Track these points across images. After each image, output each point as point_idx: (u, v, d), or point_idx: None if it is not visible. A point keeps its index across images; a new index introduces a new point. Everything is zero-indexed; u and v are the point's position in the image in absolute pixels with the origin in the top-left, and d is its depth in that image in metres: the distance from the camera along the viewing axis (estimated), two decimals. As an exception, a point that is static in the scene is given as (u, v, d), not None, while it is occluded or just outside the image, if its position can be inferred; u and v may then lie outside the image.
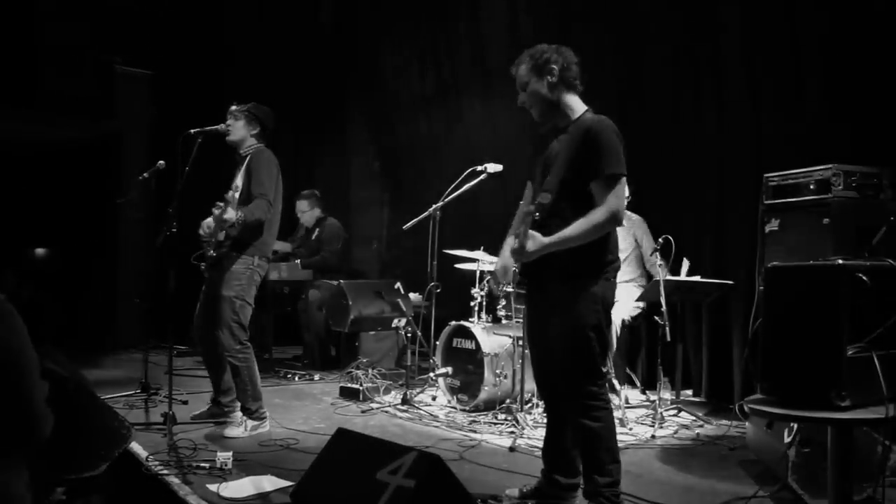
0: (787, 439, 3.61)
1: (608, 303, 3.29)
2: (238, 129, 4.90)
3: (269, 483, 3.68)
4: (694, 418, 5.14)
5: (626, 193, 3.80)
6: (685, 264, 5.37)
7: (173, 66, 9.04)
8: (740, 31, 5.62)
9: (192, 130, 4.75)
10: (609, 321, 3.34)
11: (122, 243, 8.88)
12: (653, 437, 4.71)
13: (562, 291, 3.26)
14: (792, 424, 3.56)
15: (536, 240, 3.15)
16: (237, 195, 4.80)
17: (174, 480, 3.70)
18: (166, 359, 4.72)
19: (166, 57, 9.01)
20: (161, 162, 5.81)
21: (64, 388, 3.12)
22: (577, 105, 3.36)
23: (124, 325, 8.67)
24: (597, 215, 3.14)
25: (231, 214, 4.53)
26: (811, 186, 4.35)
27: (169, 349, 4.75)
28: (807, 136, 5.13)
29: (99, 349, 8.05)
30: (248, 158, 4.85)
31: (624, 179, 3.19)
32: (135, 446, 4.14)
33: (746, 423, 4.55)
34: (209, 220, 4.79)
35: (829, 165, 4.26)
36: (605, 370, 3.33)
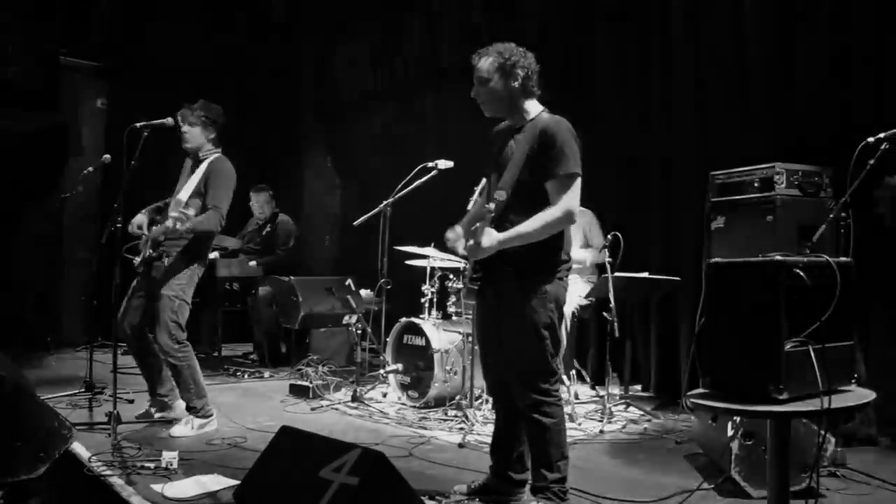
0: (730, 432, 3.67)
1: (560, 302, 3.31)
2: (195, 137, 4.85)
3: (214, 482, 3.62)
4: (642, 413, 5.21)
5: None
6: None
7: (124, 57, 8.85)
8: (684, 32, 5.71)
9: (138, 124, 4.65)
10: (561, 319, 3.36)
11: (68, 239, 8.67)
12: (601, 432, 4.75)
13: (515, 289, 3.27)
14: (735, 418, 3.62)
15: (491, 236, 3.16)
16: (185, 200, 4.74)
17: (117, 481, 3.62)
18: (112, 357, 4.62)
19: (116, 48, 8.82)
20: (107, 156, 5.70)
21: (1, 388, 3.04)
22: (533, 107, 3.39)
23: (69, 323, 8.48)
24: (551, 213, 3.17)
25: (179, 227, 4.49)
26: (755, 184, 4.43)
27: (114, 347, 4.65)
28: (751, 134, 5.22)
29: (42, 348, 7.85)
30: (207, 165, 4.80)
31: (579, 180, 3.22)
32: (77, 447, 4.03)
33: (692, 418, 4.62)
34: (141, 219, 4.76)
35: (773, 164, 4.34)
36: (557, 367, 3.34)
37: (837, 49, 4.85)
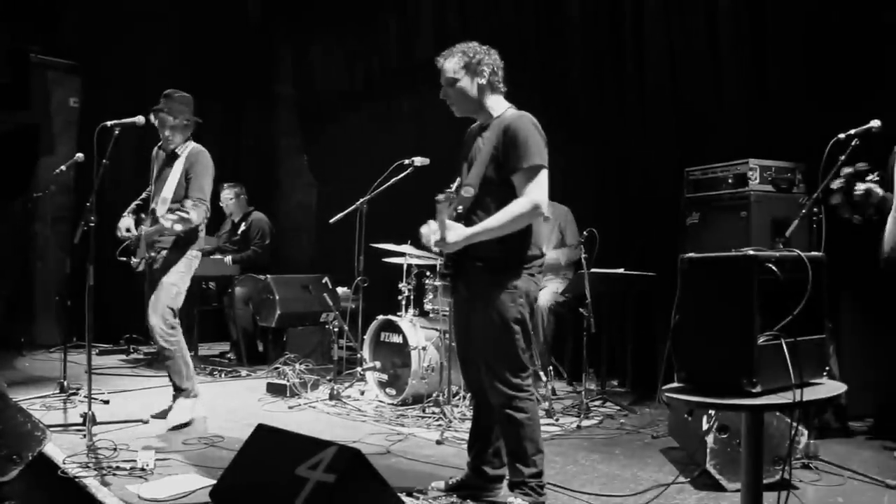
0: (705, 426, 3.70)
1: (531, 297, 3.31)
2: (171, 128, 4.86)
3: (191, 482, 3.59)
4: (619, 408, 5.24)
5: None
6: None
7: (97, 55, 8.75)
8: (658, 29, 5.75)
9: (109, 122, 4.60)
10: (533, 315, 3.37)
11: (40, 238, 8.57)
12: (578, 427, 4.78)
13: (484, 284, 3.27)
14: (710, 412, 3.66)
15: (457, 231, 3.18)
16: (170, 197, 4.76)
17: (92, 482, 3.58)
18: (86, 357, 4.58)
19: (89, 46, 8.72)
20: (79, 155, 5.64)
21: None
22: (499, 104, 3.41)
23: (43, 324, 8.38)
24: (517, 206, 3.17)
25: (175, 228, 4.63)
26: (729, 180, 4.49)
27: (87, 347, 4.59)
28: (726, 131, 5.27)
29: (15, 349, 7.75)
30: (184, 158, 4.84)
31: (545, 171, 3.22)
32: (51, 449, 3.98)
33: (668, 412, 4.65)
34: (126, 222, 4.82)
35: (746, 160, 4.39)
36: (529, 361, 3.34)
37: (810, 47, 4.91)
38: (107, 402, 5.28)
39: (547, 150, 3.27)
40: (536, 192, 3.18)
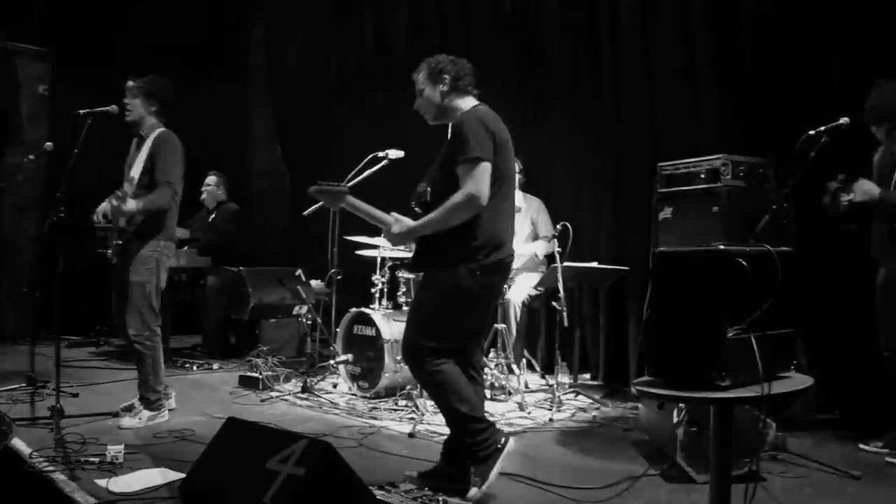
0: (675, 419, 3.73)
1: (462, 290, 3.31)
2: (136, 108, 4.72)
3: (161, 476, 3.56)
4: (591, 401, 5.27)
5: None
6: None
7: (67, 41, 8.61)
8: (633, 25, 5.78)
9: (82, 111, 4.54)
10: (467, 310, 3.41)
11: (8, 229, 8.43)
12: (551, 420, 4.80)
13: (427, 276, 3.53)
14: (680, 405, 3.69)
15: (402, 223, 3.39)
16: (136, 178, 4.64)
17: (60, 477, 3.52)
18: (55, 350, 4.51)
19: (60, 32, 8.56)
20: (49, 143, 5.55)
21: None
22: (465, 104, 3.51)
23: (11, 316, 8.25)
24: (454, 198, 3.26)
25: (132, 206, 4.45)
26: (702, 176, 4.51)
27: (56, 339, 4.53)
28: (699, 126, 5.31)
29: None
30: (151, 141, 4.67)
31: (483, 164, 3.25)
32: (17, 443, 3.95)
33: (640, 406, 4.69)
34: (104, 207, 4.64)
35: (719, 155, 4.42)
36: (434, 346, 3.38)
37: (781, 43, 4.95)
38: (76, 395, 5.22)
39: (496, 142, 3.31)
40: (472, 184, 3.24)
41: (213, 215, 7.61)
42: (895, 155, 4.13)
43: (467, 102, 3.51)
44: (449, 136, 3.45)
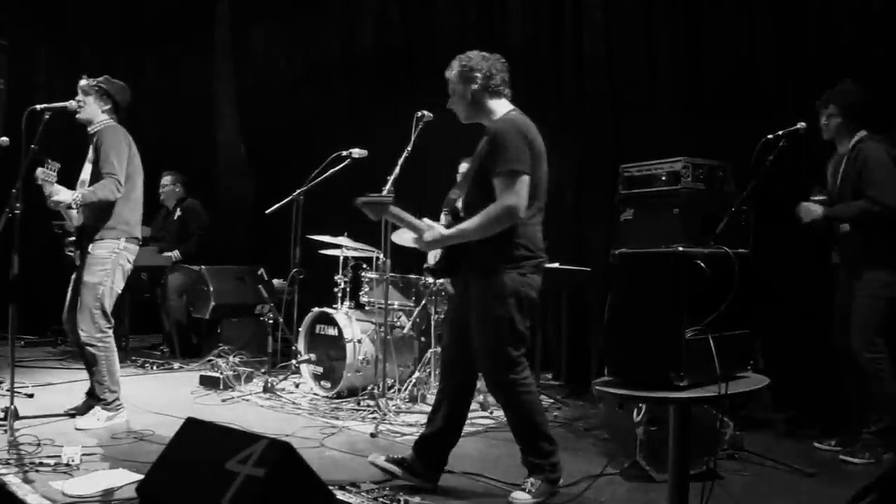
0: (636, 419, 3.77)
1: (520, 295, 3.33)
2: (88, 106, 4.64)
3: (119, 477, 3.50)
4: (552, 401, 5.30)
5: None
6: None
7: (26, 34, 8.44)
8: (603, 31, 5.83)
9: (39, 106, 4.46)
10: (525, 311, 3.37)
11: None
12: (513, 419, 4.81)
13: (476, 283, 3.38)
14: (640, 405, 3.73)
15: (434, 231, 3.33)
16: (88, 180, 4.58)
17: (13, 480, 3.45)
18: (9, 350, 4.42)
19: (17, 24, 8.39)
20: (4, 139, 5.43)
21: None
22: (499, 108, 3.48)
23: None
24: (491, 210, 3.25)
25: (64, 196, 4.39)
26: (663, 178, 4.55)
27: (11, 339, 4.44)
28: (660, 130, 5.37)
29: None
30: (96, 137, 4.60)
31: (522, 177, 3.26)
32: (-32, 445, 3.88)
33: (601, 405, 4.72)
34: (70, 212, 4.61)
35: (680, 158, 4.47)
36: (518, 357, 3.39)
37: (741, 48, 5.03)
38: (31, 395, 5.13)
39: (533, 154, 3.31)
40: (510, 196, 3.23)
41: (176, 214, 7.53)
42: (840, 156, 4.24)
43: (502, 106, 3.48)
44: (484, 142, 3.39)
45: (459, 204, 3.48)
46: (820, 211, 4.13)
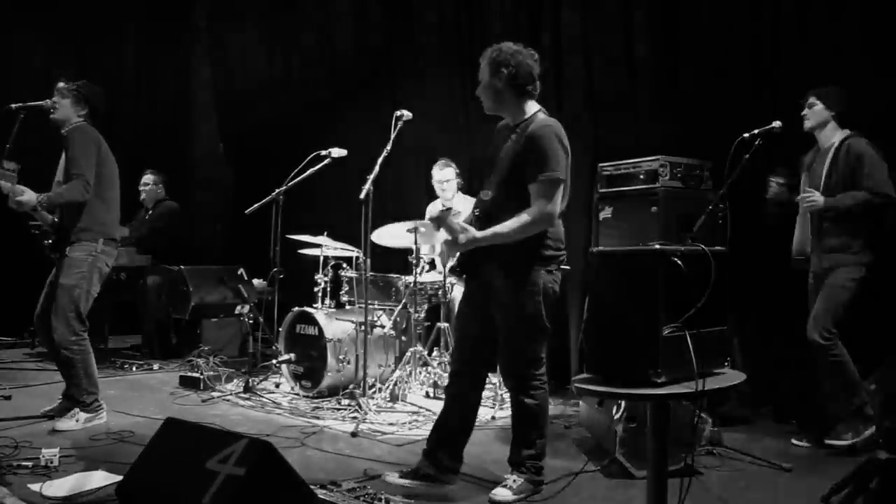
0: (615, 416, 3.80)
1: (548, 292, 3.38)
2: (64, 108, 4.58)
3: (99, 478, 3.49)
4: (533, 399, 5.30)
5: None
6: None
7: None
8: (581, 31, 5.86)
9: (14, 105, 4.42)
10: (550, 308, 3.42)
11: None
12: (493, 418, 4.84)
13: (502, 282, 3.38)
14: (619, 402, 3.76)
15: (468, 233, 3.34)
16: (59, 172, 4.56)
17: (-10, 482, 3.45)
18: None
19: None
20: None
21: None
22: (529, 107, 3.48)
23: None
24: (526, 216, 3.28)
25: (29, 198, 4.34)
26: (641, 176, 4.58)
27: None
28: (639, 129, 5.41)
29: None
30: (66, 138, 4.54)
31: (560, 184, 3.31)
32: (-56, 448, 3.84)
33: (580, 402, 4.75)
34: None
35: (658, 157, 4.50)
36: (542, 354, 3.48)
37: (718, 49, 5.09)
38: (8, 397, 5.10)
39: (567, 160, 3.36)
40: (545, 204, 3.28)
41: (150, 213, 7.47)
42: (824, 150, 4.30)
43: (530, 107, 3.47)
44: (518, 143, 3.37)
45: (490, 206, 3.46)
46: (821, 200, 4.18)
